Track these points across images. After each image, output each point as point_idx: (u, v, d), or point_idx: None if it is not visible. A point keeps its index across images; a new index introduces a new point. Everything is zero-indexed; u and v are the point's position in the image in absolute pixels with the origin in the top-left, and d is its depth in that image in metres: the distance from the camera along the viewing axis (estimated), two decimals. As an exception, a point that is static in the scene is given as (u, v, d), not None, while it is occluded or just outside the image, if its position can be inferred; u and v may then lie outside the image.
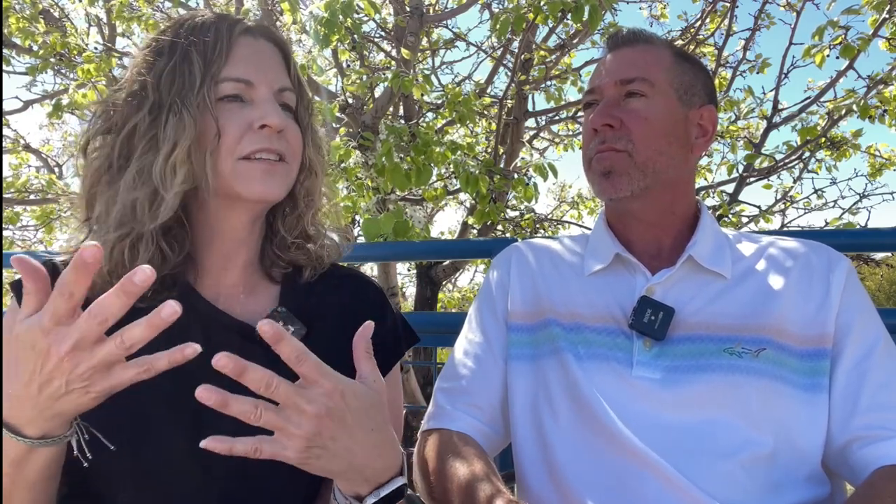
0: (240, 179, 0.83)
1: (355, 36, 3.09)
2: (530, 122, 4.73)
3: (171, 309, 0.59)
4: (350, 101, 3.65)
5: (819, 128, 3.69)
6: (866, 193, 4.27)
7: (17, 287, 0.83)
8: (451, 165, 3.22)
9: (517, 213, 4.34)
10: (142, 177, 0.80)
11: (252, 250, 0.92)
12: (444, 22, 4.23)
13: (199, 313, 0.86)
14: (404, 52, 3.41)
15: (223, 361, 0.59)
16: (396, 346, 0.98)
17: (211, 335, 0.85)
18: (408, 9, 3.54)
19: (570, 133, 5.41)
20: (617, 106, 1.00)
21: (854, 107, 3.33)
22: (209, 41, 0.83)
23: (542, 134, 5.43)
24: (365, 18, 3.48)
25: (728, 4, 3.71)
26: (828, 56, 3.26)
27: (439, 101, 3.64)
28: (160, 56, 0.84)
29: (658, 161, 0.98)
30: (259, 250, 0.93)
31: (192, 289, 0.88)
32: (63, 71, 4.29)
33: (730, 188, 4.16)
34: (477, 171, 3.15)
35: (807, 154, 3.94)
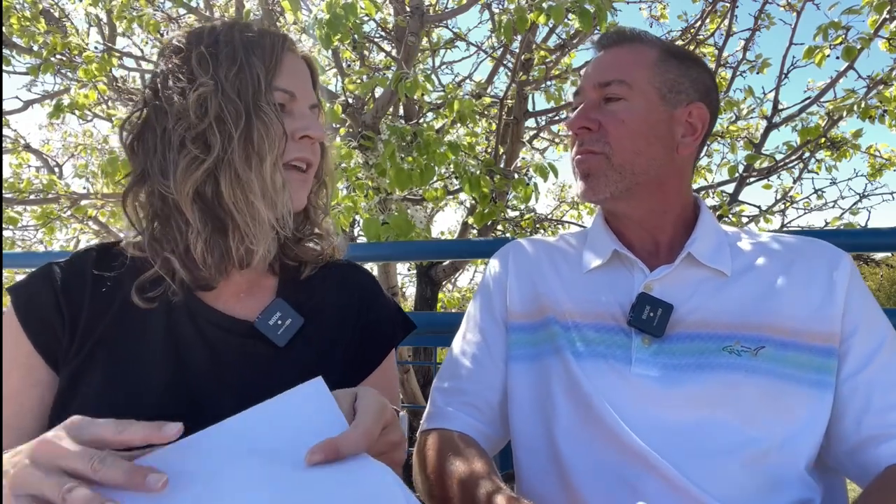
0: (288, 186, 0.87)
1: (356, 36, 3.09)
2: (530, 122, 4.73)
3: (174, 430, 0.57)
4: (350, 100, 3.65)
5: (819, 128, 3.69)
6: (866, 193, 4.28)
7: (14, 291, 0.85)
8: (452, 166, 3.22)
9: (517, 213, 4.34)
10: (239, 180, 0.82)
11: None
12: (445, 22, 4.22)
13: (194, 313, 0.87)
14: (412, 49, 3.40)
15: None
16: (391, 333, 1.01)
17: (206, 333, 0.87)
18: (408, 9, 3.54)
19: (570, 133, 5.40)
20: (596, 108, 1.01)
21: (854, 107, 3.33)
22: (266, 50, 0.87)
23: (542, 134, 5.43)
24: (365, 18, 3.48)
25: (728, 4, 3.72)
26: (828, 56, 3.26)
27: (439, 102, 3.64)
28: (223, 57, 0.83)
29: (636, 162, 0.98)
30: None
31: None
32: (63, 71, 4.29)
33: (730, 188, 4.16)
34: (478, 172, 3.15)
35: (807, 154, 3.94)
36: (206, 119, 0.81)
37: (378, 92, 3.70)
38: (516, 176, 3.48)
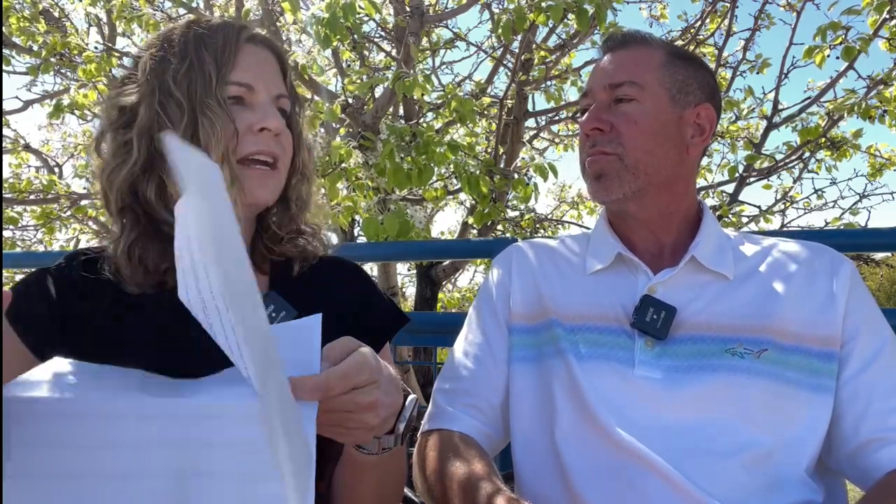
0: (237, 182, 0.86)
1: (355, 36, 3.09)
2: (530, 122, 4.73)
3: None
4: (350, 100, 3.65)
5: (819, 128, 3.69)
6: (866, 193, 4.28)
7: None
8: (452, 166, 3.22)
9: (517, 213, 4.34)
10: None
11: None
12: (445, 22, 4.22)
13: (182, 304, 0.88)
14: (413, 49, 3.40)
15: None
16: (384, 326, 1.01)
17: (194, 323, 0.87)
18: (408, 9, 3.54)
19: (570, 133, 5.41)
20: (607, 109, 1.01)
21: (854, 108, 3.33)
22: (219, 44, 0.87)
23: (542, 134, 5.43)
24: (365, 18, 3.48)
25: (728, 4, 3.71)
26: (828, 56, 3.25)
27: (439, 102, 3.64)
28: (172, 57, 0.86)
29: (649, 163, 0.98)
30: (250, 246, 0.96)
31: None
32: (63, 71, 4.29)
33: (730, 188, 4.16)
34: (477, 172, 3.15)
35: (807, 154, 3.94)
36: (135, 125, 0.85)
37: (378, 92, 3.70)
38: (516, 176, 3.47)
